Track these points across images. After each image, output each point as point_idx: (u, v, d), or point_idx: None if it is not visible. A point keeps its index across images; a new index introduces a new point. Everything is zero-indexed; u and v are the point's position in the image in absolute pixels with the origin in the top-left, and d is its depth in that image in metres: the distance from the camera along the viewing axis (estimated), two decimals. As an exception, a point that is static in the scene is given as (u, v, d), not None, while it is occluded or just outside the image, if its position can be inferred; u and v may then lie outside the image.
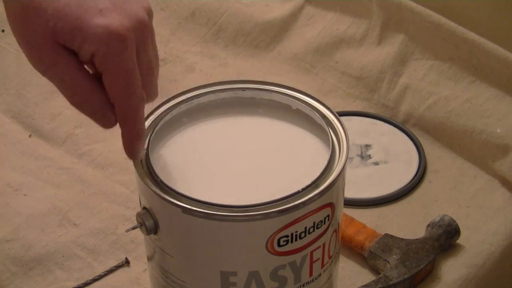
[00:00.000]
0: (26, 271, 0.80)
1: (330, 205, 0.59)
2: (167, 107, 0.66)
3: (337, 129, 0.63)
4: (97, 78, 0.55)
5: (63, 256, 0.82)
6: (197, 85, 0.68)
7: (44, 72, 0.55)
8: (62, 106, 1.01)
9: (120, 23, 0.53)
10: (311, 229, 0.58)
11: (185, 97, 0.67)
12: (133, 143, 0.59)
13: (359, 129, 0.98)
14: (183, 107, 0.67)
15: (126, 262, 0.81)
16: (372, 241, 0.80)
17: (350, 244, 0.81)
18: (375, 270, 0.80)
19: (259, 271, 0.59)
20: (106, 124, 0.57)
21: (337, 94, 1.04)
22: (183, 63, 1.09)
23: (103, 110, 0.56)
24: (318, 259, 0.61)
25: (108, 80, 0.55)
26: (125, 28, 0.53)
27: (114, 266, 0.81)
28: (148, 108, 0.65)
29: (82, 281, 0.79)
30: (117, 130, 1.00)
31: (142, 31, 0.55)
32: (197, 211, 0.56)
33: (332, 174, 0.59)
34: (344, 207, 0.65)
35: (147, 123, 0.64)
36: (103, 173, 0.93)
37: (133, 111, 0.57)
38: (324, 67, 1.06)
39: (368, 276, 0.80)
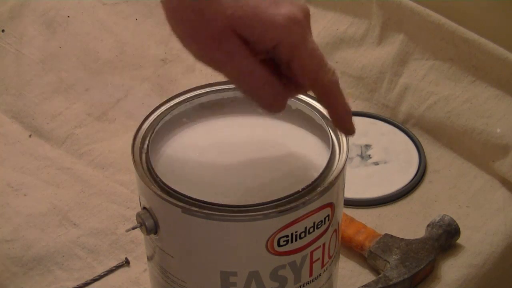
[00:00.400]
0: (26, 271, 0.80)
1: (330, 205, 0.59)
2: (167, 107, 0.66)
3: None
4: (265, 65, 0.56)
5: (63, 256, 0.82)
6: (197, 85, 0.68)
7: (219, 64, 0.55)
8: (62, 106, 1.01)
9: (296, 12, 0.54)
10: (311, 229, 0.58)
11: (185, 97, 0.67)
12: (348, 118, 0.59)
13: (359, 129, 0.96)
14: (183, 107, 0.66)
15: (126, 262, 0.81)
16: (372, 241, 0.80)
17: (350, 244, 0.81)
18: (375, 270, 0.80)
19: (259, 271, 0.59)
20: (277, 109, 0.57)
21: (337, 94, 1.03)
22: (183, 63, 1.09)
23: (276, 96, 0.56)
24: (318, 259, 0.61)
25: (300, 65, 0.55)
26: (302, 16, 0.54)
27: (114, 266, 0.81)
28: (148, 108, 0.66)
29: (82, 281, 0.79)
30: (117, 130, 1.00)
31: (309, 21, 0.56)
32: (197, 211, 0.56)
33: (332, 174, 0.59)
34: (344, 207, 0.65)
35: (147, 124, 0.64)
36: (103, 173, 0.93)
37: (336, 85, 0.57)
38: (324, 67, 1.06)
39: (368, 276, 0.80)
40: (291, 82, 0.57)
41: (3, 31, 1.08)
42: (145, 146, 0.62)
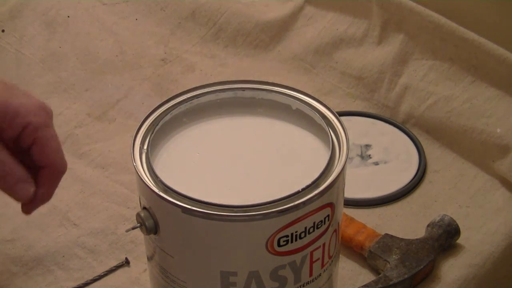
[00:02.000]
0: (26, 271, 0.80)
1: (330, 205, 0.59)
2: (167, 107, 0.66)
3: (337, 129, 0.63)
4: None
5: (63, 256, 0.82)
6: (197, 85, 0.68)
7: None
8: (62, 106, 1.01)
9: (44, 103, 0.63)
10: (311, 229, 0.58)
11: (185, 97, 0.67)
12: (39, 204, 0.66)
13: (359, 129, 0.98)
14: (183, 107, 0.67)
15: (126, 262, 0.81)
16: (372, 241, 0.80)
17: (350, 244, 0.81)
18: (375, 270, 0.80)
19: (259, 271, 0.59)
20: (24, 196, 0.63)
21: (337, 94, 1.04)
22: (183, 63, 1.09)
23: (23, 183, 0.62)
24: (318, 259, 0.61)
25: (41, 147, 0.62)
26: (49, 108, 0.64)
27: (114, 266, 0.81)
28: (148, 108, 0.66)
29: (82, 281, 0.79)
30: (117, 130, 1.00)
31: (52, 117, 0.65)
32: (197, 211, 0.56)
33: (332, 174, 0.59)
34: (344, 207, 0.66)
35: (147, 124, 0.64)
36: (103, 173, 0.92)
37: (63, 172, 0.65)
38: (324, 67, 1.06)
39: (368, 276, 0.80)
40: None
41: (3, 31, 1.08)
42: (145, 146, 0.62)
